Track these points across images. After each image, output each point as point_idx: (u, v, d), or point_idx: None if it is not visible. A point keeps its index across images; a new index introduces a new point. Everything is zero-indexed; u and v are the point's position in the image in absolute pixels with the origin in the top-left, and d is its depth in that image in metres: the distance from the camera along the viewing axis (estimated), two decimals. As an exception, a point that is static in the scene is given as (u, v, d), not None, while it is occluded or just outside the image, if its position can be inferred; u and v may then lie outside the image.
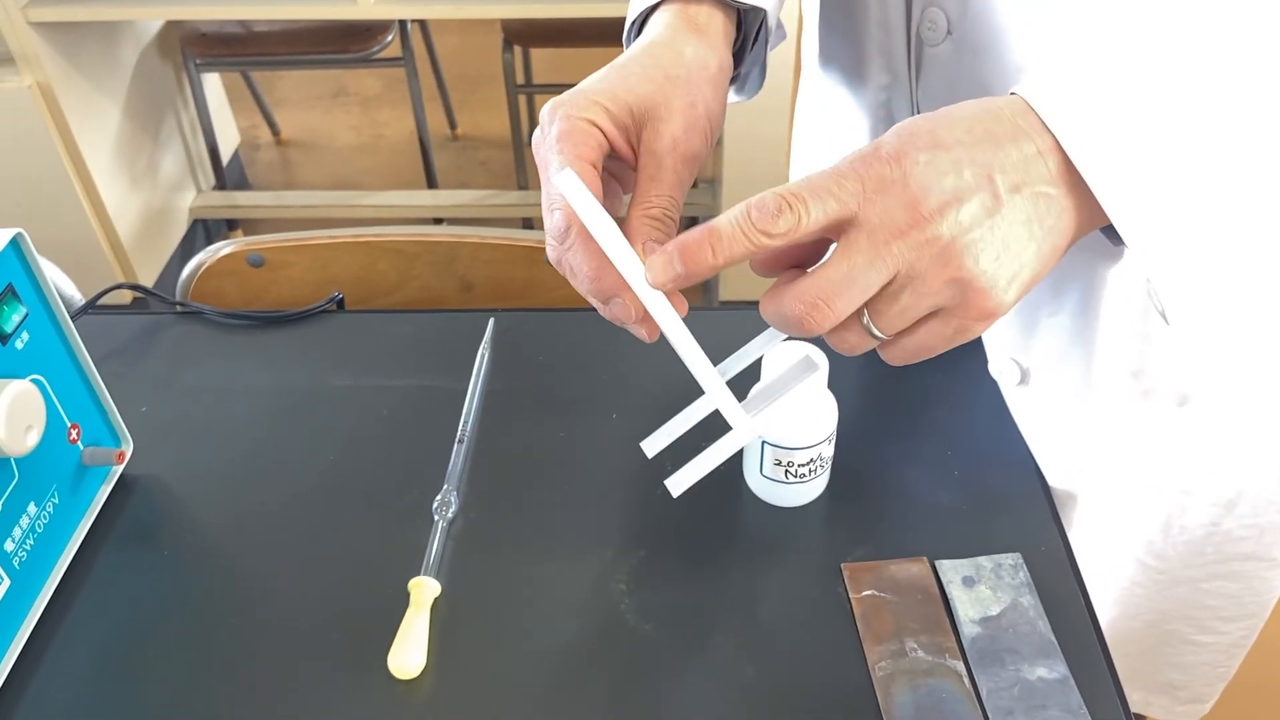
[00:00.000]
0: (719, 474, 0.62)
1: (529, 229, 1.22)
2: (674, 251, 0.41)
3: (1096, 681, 0.52)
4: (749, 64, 0.58)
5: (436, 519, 0.60)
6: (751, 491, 0.62)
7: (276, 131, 2.68)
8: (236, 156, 2.53)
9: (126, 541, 0.61)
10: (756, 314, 0.44)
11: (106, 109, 1.96)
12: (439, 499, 0.61)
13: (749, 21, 0.55)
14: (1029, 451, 0.64)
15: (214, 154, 2.26)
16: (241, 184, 2.52)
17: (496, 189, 2.31)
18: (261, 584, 0.58)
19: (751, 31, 0.56)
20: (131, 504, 0.63)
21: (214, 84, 2.38)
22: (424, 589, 0.56)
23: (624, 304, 0.45)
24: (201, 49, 2.10)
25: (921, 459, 0.64)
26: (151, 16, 2.04)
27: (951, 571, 0.57)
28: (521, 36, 2.11)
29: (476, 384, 0.70)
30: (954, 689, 0.52)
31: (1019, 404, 0.65)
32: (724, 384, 0.46)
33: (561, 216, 0.45)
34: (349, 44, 2.10)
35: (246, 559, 0.60)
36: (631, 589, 0.57)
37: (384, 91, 2.82)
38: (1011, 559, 0.58)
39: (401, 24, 2.10)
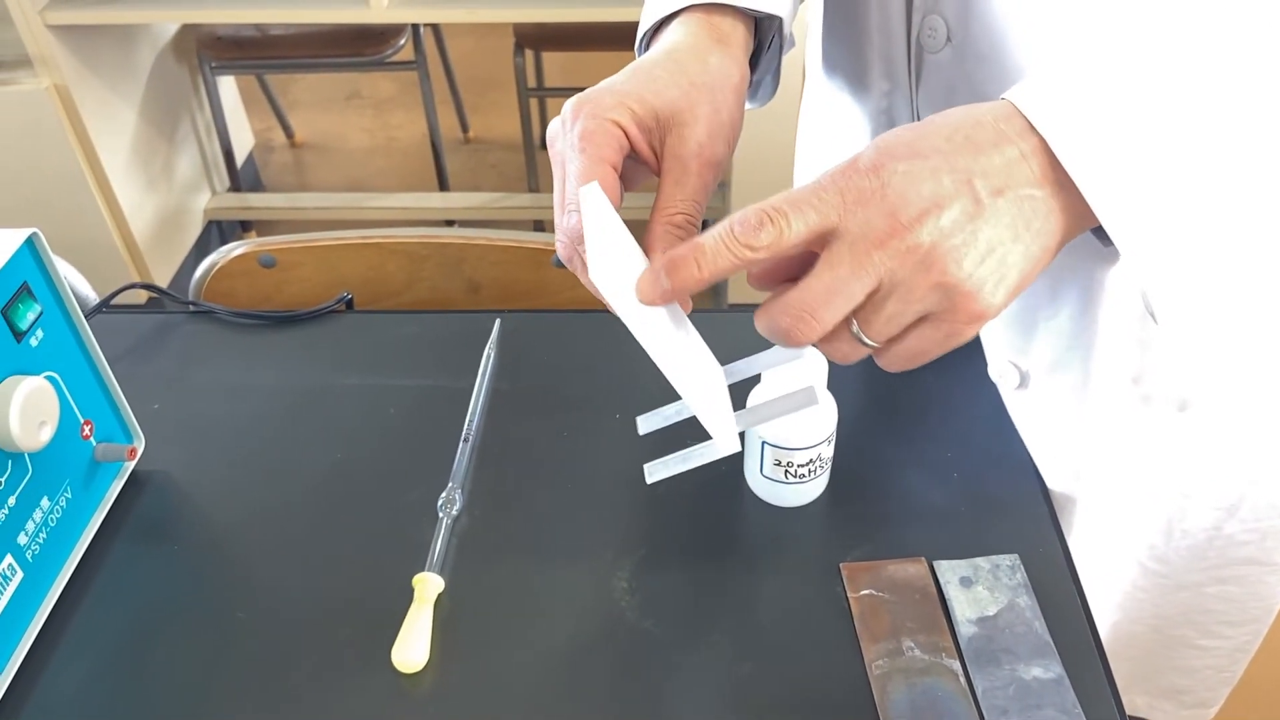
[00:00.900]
0: (719, 474, 0.63)
1: (539, 231, 1.23)
2: (660, 269, 0.42)
3: (1092, 682, 0.53)
4: (761, 71, 0.58)
5: (441, 516, 0.61)
6: (752, 491, 0.62)
7: (291, 134, 2.70)
8: (251, 158, 2.55)
9: (137, 536, 0.62)
10: None
11: (123, 111, 1.97)
12: (443, 497, 0.62)
13: (763, 30, 0.56)
14: (1028, 454, 0.64)
15: (229, 156, 2.28)
16: (256, 186, 2.54)
17: (507, 191, 2.32)
18: (269, 578, 0.60)
19: (766, 40, 0.56)
20: (143, 499, 0.64)
21: (229, 87, 2.40)
22: (428, 585, 0.57)
23: None
24: (217, 52, 2.12)
25: (921, 461, 0.64)
26: (168, 20, 2.07)
27: (949, 572, 0.58)
28: (533, 40, 2.12)
29: (482, 384, 0.70)
30: (950, 688, 0.53)
31: (1018, 407, 0.66)
32: (712, 396, 0.46)
33: (578, 220, 0.46)
34: (363, 47, 2.11)
35: (255, 554, 0.61)
36: (632, 586, 0.58)
37: (397, 94, 2.84)
38: (1009, 560, 0.58)
39: (414, 28, 2.12)
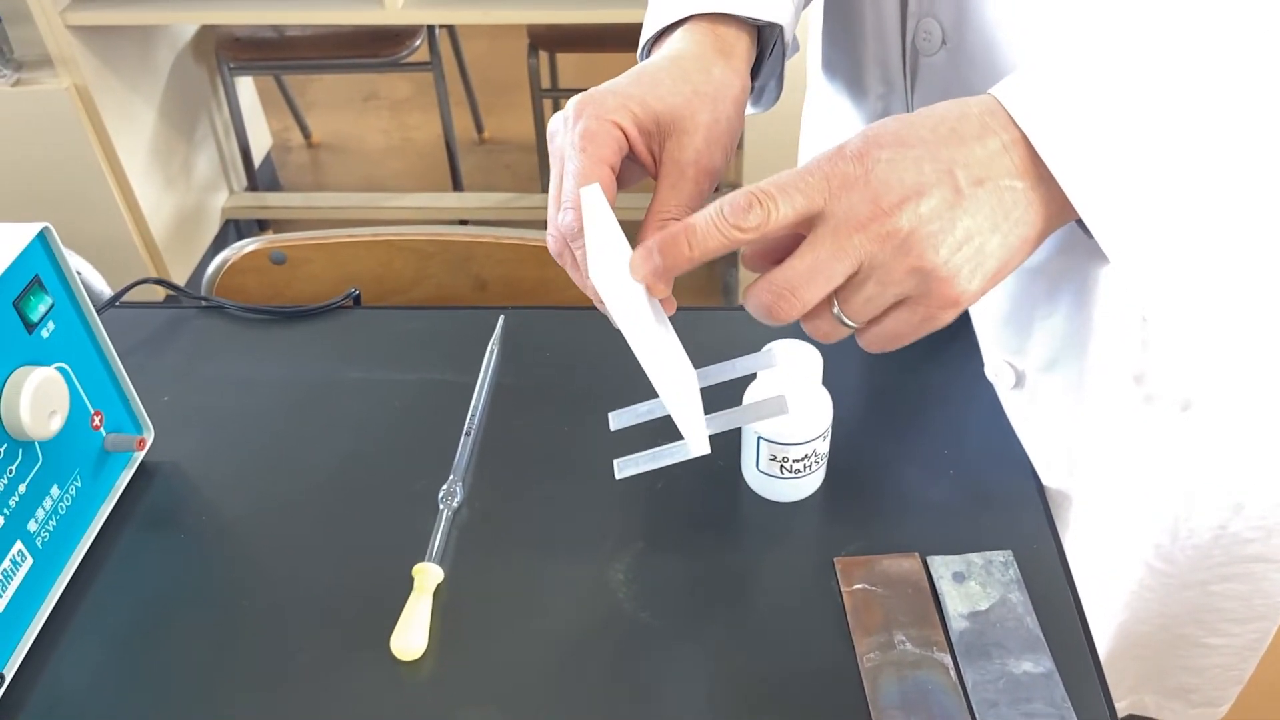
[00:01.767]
0: (716, 468, 0.63)
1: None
2: (653, 245, 0.43)
3: (1082, 677, 0.53)
4: (765, 77, 0.59)
5: (442, 508, 0.62)
6: (748, 486, 0.63)
7: (308, 134, 2.72)
8: (268, 158, 2.58)
9: (145, 525, 0.63)
10: None
11: (142, 111, 2.00)
12: (445, 489, 0.63)
13: (765, 37, 0.57)
14: (1024, 452, 0.65)
15: (246, 156, 2.30)
16: (273, 185, 2.56)
17: (521, 191, 2.34)
18: (273, 567, 0.61)
19: (768, 46, 0.57)
20: (151, 489, 0.65)
21: (247, 87, 2.43)
22: (427, 574, 0.58)
23: None
24: (235, 53, 2.14)
25: (917, 457, 0.65)
26: (187, 21, 2.09)
27: (942, 567, 0.58)
28: (547, 42, 2.13)
29: (485, 379, 0.71)
30: (940, 681, 0.53)
31: (1014, 406, 0.66)
32: (688, 398, 0.47)
33: (574, 218, 0.47)
34: (379, 49, 2.13)
35: (260, 543, 0.62)
36: (629, 578, 0.59)
37: (413, 95, 2.85)
38: (1002, 556, 0.58)
39: (430, 29, 2.13)
